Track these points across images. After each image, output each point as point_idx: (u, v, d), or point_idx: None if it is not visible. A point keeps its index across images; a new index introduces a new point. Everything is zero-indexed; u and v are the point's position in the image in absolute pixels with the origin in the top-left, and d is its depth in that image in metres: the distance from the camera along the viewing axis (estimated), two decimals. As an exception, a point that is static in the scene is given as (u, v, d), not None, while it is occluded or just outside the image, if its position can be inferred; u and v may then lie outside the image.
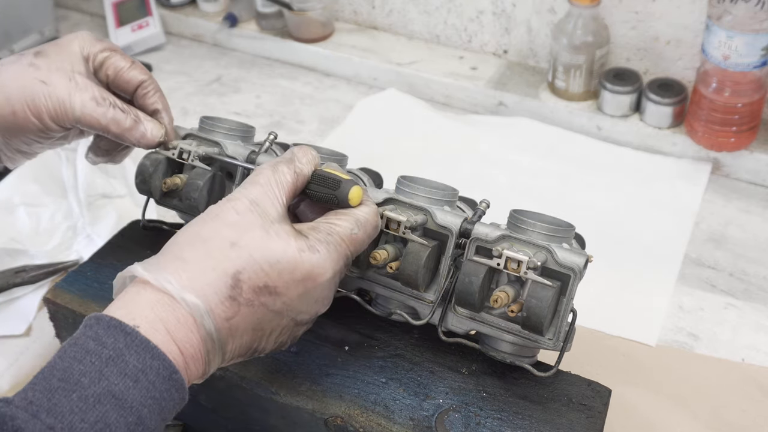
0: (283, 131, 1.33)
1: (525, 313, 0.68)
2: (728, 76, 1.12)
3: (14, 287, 1.00)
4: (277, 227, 0.62)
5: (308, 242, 0.62)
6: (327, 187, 0.66)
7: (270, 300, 0.61)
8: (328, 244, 0.63)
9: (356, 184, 0.66)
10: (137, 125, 0.79)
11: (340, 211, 0.66)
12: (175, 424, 0.80)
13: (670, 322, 0.99)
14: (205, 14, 1.60)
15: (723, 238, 1.11)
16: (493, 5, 1.39)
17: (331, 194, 0.66)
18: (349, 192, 0.66)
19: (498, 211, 0.77)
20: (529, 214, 0.71)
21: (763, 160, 1.18)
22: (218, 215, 0.62)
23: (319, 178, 0.67)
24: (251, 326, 0.61)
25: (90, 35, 0.81)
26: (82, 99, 0.76)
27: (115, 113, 0.77)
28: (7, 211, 1.10)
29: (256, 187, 0.64)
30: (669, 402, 0.88)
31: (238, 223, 0.61)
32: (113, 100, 0.78)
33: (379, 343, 0.77)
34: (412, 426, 0.70)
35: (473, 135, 1.30)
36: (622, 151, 1.26)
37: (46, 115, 0.76)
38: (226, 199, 0.63)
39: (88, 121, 0.77)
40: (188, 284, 0.58)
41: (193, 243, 0.61)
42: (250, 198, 0.63)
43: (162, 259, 0.60)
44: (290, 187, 0.65)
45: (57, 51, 0.78)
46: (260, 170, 0.65)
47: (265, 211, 0.62)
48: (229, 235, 0.61)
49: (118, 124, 0.78)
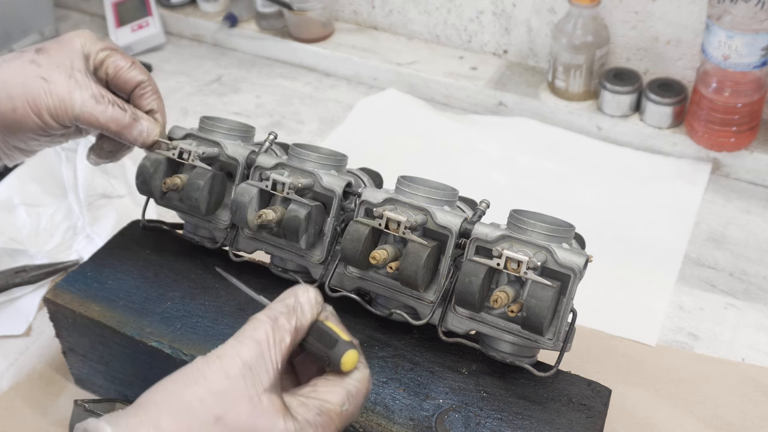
0: (283, 131, 1.33)
1: (525, 313, 0.68)
2: (728, 76, 1.12)
3: (14, 287, 1.00)
4: (266, 400, 0.56)
5: (296, 425, 0.57)
6: (322, 343, 0.61)
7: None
8: (317, 427, 0.58)
9: (353, 347, 0.61)
10: (135, 123, 0.79)
11: (331, 379, 0.60)
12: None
13: (670, 322, 0.99)
14: (205, 14, 1.60)
15: (723, 238, 1.11)
16: (493, 5, 1.39)
17: (324, 353, 0.60)
18: (342, 356, 0.60)
19: (498, 211, 0.77)
20: (529, 214, 0.71)
21: (763, 160, 1.18)
22: (206, 377, 0.56)
23: (317, 331, 0.61)
24: None
25: (91, 34, 0.81)
26: (81, 96, 0.76)
27: (113, 111, 0.77)
28: (7, 211, 1.10)
29: (252, 347, 0.57)
30: (669, 402, 0.88)
31: (226, 393, 0.55)
32: (112, 98, 0.78)
33: (379, 343, 0.77)
34: (412, 426, 0.69)
35: (473, 135, 1.30)
36: (622, 151, 1.26)
37: (46, 113, 0.76)
38: (216, 356, 0.57)
39: (87, 118, 0.77)
40: None
41: (173, 408, 0.55)
42: (244, 360, 0.56)
43: (134, 422, 0.54)
44: (288, 348, 0.59)
45: (58, 48, 0.78)
46: (259, 323, 0.59)
47: (258, 378, 0.56)
48: (215, 407, 0.55)
49: (116, 121, 0.78)
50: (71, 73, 0.77)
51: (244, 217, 0.77)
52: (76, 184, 1.13)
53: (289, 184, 0.76)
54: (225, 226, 0.84)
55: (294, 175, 0.78)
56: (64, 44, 0.79)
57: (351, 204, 0.79)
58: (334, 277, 0.79)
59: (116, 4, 1.60)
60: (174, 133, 0.85)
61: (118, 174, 1.17)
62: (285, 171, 0.78)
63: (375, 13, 1.51)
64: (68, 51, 0.78)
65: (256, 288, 0.83)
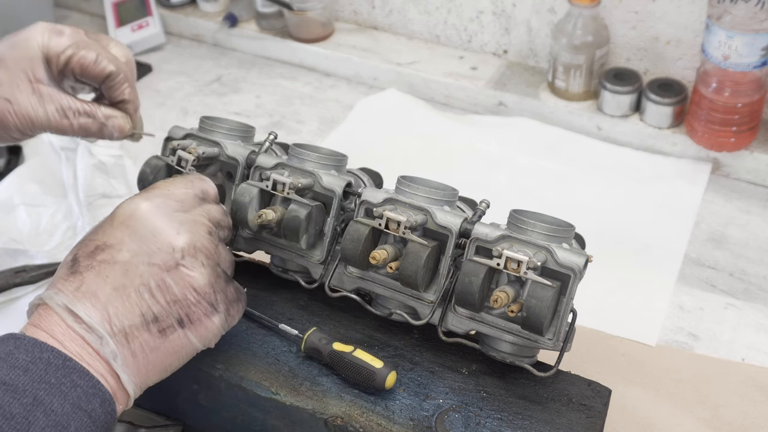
0: (283, 131, 1.33)
1: (525, 313, 0.68)
2: (728, 76, 1.12)
3: (14, 287, 1.00)
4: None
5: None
6: (362, 375, 0.72)
7: (107, 255, 0.64)
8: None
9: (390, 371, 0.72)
10: (104, 128, 0.80)
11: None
12: (174, 424, 0.80)
13: (670, 322, 0.99)
14: (205, 14, 1.60)
15: (723, 238, 1.11)
16: (493, 5, 1.39)
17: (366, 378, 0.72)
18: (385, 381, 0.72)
19: (498, 211, 0.77)
20: (529, 214, 0.71)
21: (763, 160, 1.18)
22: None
23: (352, 366, 0.72)
24: (111, 286, 0.62)
25: (48, 28, 0.78)
26: (47, 112, 0.77)
27: (80, 121, 0.78)
28: (7, 211, 1.10)
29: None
30: (669, 402, 0.88)
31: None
32: (78, 108, 0.78)
33: (379, 343, 0.77)
34: (412, 426, 0.69)
35: (473, 135, 1.30)
36: (622, 151, 1.26)
37: (15, 130, 0.77)
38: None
39: (56, 130, 0.79)
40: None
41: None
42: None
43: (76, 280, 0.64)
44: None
45: (16, 57, 0.76)
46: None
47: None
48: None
49: (86, 130, 0.80)
50: (33, 87, 0.76)
51: (245, 217, 0.77)
52: (76, 184, 1.13)
53: (290, 184, 0.76)
54: (225, 226, 0.84)
55: (294, 175, 0.78)
56: (21, 49, 0.76)
57: (351, 204, 0.79)
58: (334, 277, 0.79)
59: (116, 4, 1.60)
60: (174, 133, 0.85)
61: (118, 174, 1.17)
62: (285, 171, 0.78)
63: (375, 13, 1.51)
64: (27, 58, 0.76)
65: (257, 288, 0.83)
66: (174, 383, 0.69)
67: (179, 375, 0.67)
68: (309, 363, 0.75)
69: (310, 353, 0.75)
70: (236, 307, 0.70)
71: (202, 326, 0.66)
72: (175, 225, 0.66)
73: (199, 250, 0.66)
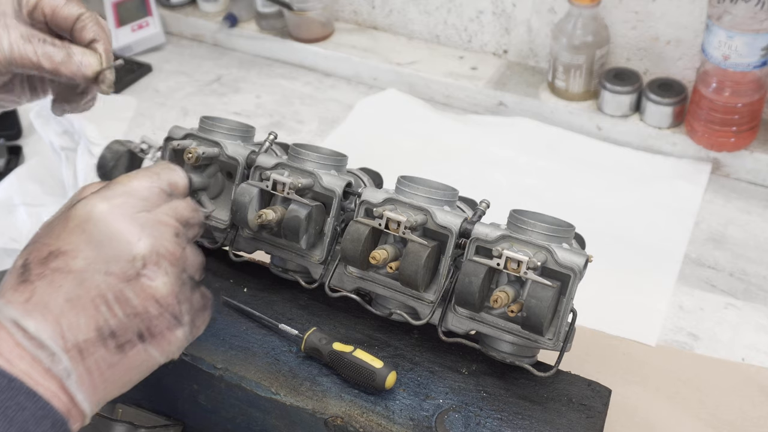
0: (283, 131, 1.33)
1: (525, 313, 0.68)
2: (728, 76, 1.12)
3: (14, 287, 1.00)
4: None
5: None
6: (362, 375, 0.72)
7: (61, 263, 0.58)
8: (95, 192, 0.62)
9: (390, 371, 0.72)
10: (70, 58, 0.76)
11: None
12: (174, 424, 0.80)
13: (670, 322, 0.99)
14: (205, 14, 1.60)
15: (723, 238, 1.11)
16: (493, 5, 1.39)
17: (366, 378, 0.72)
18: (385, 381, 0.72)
19: (498, 211, 0.77)
20: (529, 214, 0.71)
21: (763, 160, 1.18)
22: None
23: (353, 366, 0.72)
24: (65, 298, 0.57)
25: None
26: (10, 38, 0.74)
27: (45, 48, 0.75)
28: (7, 211, 1.10)
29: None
30: (669, 402, 0.88)
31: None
32: (43, 36, 0.76)
33: (379, 343, 0.77)
34: (412, 426, 0.69)
35: (473, 135, 1.30)
36: (622, 151, 1.26)
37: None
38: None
39: (19, 60, 0.75)
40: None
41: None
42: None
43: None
44: None
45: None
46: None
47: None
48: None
49: (50, 58, 0.75)
50: (1, 20, 0.74)
51: (245, 217, 0.77)
52: (76, 184, 1.13)
53: (290, 184, 0.76)
54: (224, 226, 0.84)
55: (294, 175, 0.78)
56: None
57: (351, 204, 0.79)
58: (334, 277, 0.79)
59: (116, 4, 1.60)
60: (174, 133, 0.85)
61: (118, 174, 1.17)
62: (285, 171, 0.78)
63: (375, 13, 1.51)
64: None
65: (256, 288, 0.83)
66: (174, 383, 0.69)
67: (179, 375, 0.67)
68: (309, 363, 0.75)
69: (310, 353, 0.75)
70: (202, 316, 0.65)
71: (164, 340, 0.61)
72: (136, 229, 0.60)
73: (163, 257, 0.60)
